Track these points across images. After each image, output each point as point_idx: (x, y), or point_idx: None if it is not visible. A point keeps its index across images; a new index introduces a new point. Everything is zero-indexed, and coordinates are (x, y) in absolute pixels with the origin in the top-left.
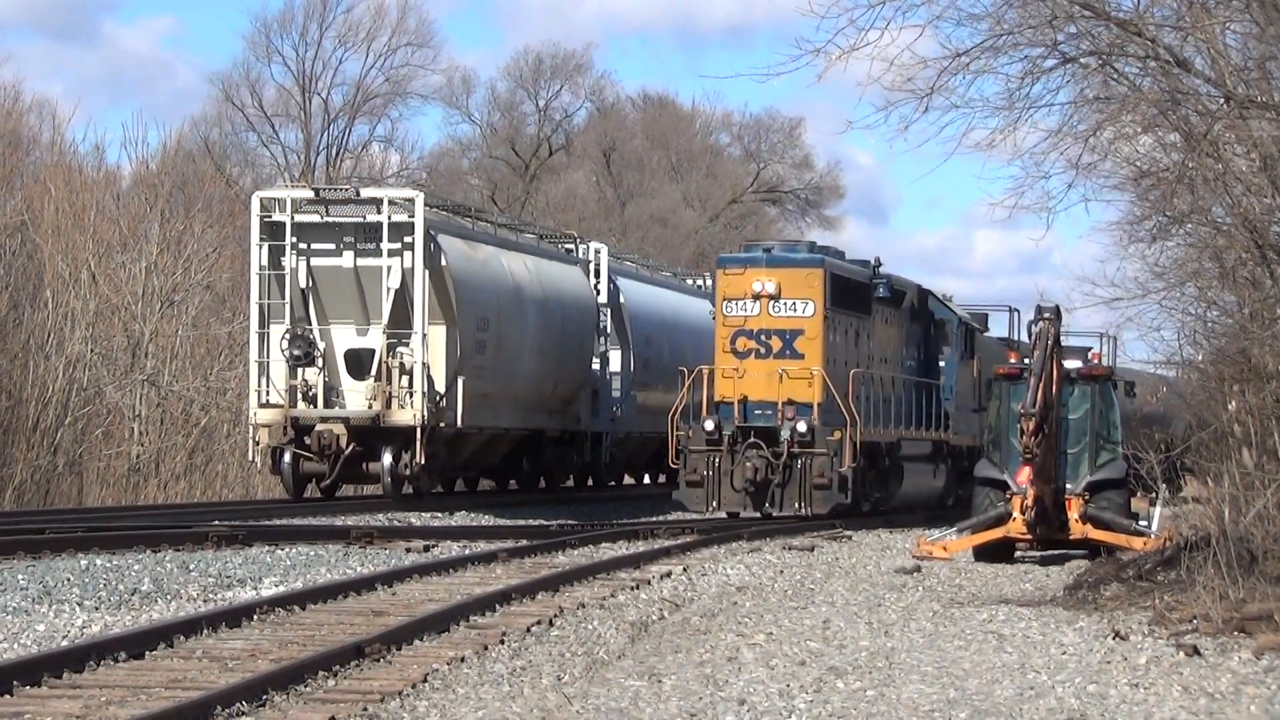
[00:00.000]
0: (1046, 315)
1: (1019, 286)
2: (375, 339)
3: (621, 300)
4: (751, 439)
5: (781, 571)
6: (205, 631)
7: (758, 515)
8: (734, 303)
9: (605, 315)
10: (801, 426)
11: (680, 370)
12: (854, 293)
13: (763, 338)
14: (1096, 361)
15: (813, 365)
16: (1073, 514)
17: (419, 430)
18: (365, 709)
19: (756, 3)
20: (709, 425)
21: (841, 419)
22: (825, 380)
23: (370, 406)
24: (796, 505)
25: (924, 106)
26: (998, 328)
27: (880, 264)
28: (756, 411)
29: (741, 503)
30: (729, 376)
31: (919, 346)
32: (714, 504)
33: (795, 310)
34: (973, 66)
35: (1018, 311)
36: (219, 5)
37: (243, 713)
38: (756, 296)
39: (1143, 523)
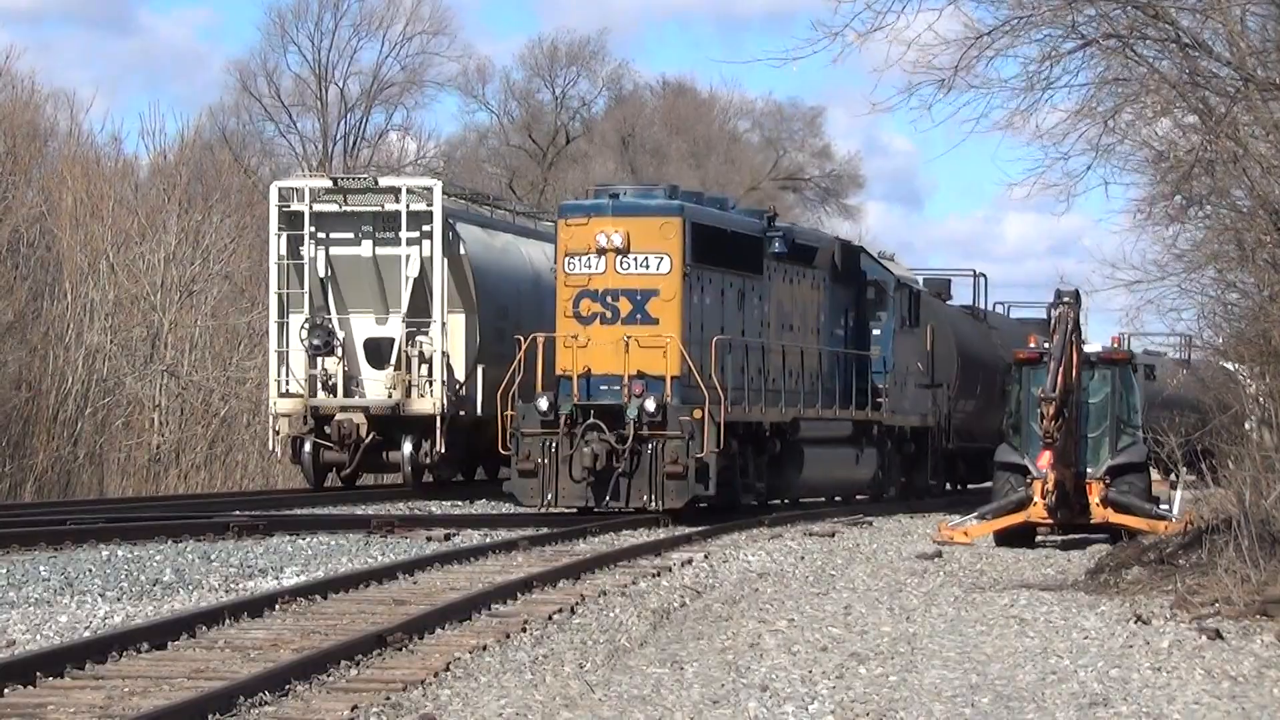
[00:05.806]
0: (1066, 299)
1: (1048, 269)
2: (394, 328)
3: None
4: (591, 420)
5: (802, 558)
6: (227, 621)
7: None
8: (576, 258)
9: None
10: (650, 405)
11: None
12: (733, 247)
13: (609, 299)
14: (1118, 346)
15: (668, 332)
16: (1093, 498)
17: (439, 419)
18: (388, 698)
19: None
20: (543, 404)
21: (703, 396)
22: (682, 350)
23: (390, 395)
24: (645, 498)
25: (946, 87)
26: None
27: (776, 215)
28: (602, 387)
29: (583, 495)
30: (570, 346)
31: (846, 313)
32: (549, 497)
33: (648, 266)
34: (993, 47)
35: (984, 277)
36: None
37: (266, 703)
38: (602, 251)
39: (1164, 506)
